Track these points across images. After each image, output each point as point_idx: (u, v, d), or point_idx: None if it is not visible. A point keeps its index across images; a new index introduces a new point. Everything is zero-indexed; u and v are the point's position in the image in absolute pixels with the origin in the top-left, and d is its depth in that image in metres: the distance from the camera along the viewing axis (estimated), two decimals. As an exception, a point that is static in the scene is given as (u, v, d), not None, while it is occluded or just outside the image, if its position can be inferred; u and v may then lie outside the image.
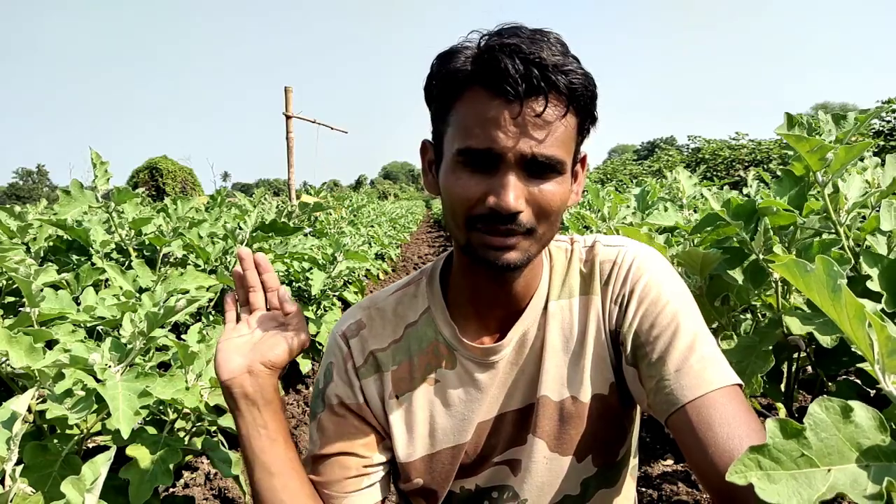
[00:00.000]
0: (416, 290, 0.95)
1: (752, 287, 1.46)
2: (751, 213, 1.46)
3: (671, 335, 0.80)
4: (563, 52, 0.75)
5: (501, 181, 0.74)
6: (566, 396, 0.87)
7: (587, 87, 0.76)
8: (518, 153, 0.74)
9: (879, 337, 0.48)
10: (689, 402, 0.75)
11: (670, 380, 0.77)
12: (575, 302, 0.90)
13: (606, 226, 2.52)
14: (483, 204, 0.76)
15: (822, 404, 0.47)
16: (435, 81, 0.80)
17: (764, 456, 0.46)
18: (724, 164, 15.84)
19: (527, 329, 0.89)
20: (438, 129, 0.82)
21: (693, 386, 0.75)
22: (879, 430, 0.47)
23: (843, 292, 0.49)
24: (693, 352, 0.78)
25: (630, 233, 1.70)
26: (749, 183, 2.54)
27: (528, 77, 0.72)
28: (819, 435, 0.47)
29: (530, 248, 0.79)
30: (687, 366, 0.77)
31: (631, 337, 0.83)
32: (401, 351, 0.92)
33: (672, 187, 2.65)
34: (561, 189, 0.78)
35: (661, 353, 0.79)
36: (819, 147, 1.25)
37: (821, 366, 1.45)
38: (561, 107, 0.75)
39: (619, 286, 0.87)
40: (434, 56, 0.80)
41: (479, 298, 0.90)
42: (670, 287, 0.85)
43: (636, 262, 0.87)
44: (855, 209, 1.40)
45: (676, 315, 0.81)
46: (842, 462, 0.46)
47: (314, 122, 8.12)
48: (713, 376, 0.76)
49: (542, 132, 0.74)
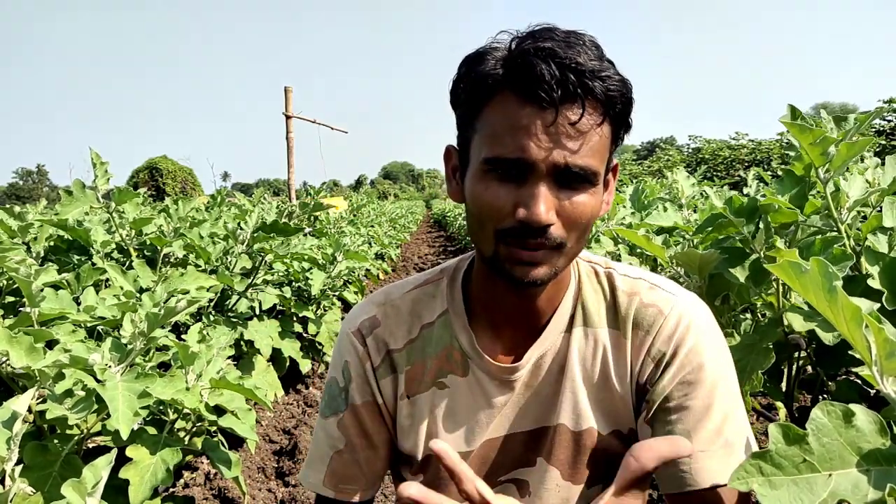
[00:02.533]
0: (434, 289, 0.92)
1: (753, 286, 1.46)
2: (752, 210, 1.46)
3: (702, 413, 0.77)
4: (600, 56, 0.71)
5: (532, 192, 0.70)
6: (585, 428, 0.85)
7: (624, 94, 0.72)
8: (550, 163, 0.70)
9: (877, 339, 0.48)
10: (706, 488, 0.74)
11: (688, 459, 0.75)
12: (602, 333, 0.85)
13: (605, 226, 2.52)
14: (512, 217, 0.72)
15: (824, 409, 0.47)
16: (462, 85, 0.76)
17: (766, 462, 0.46)
18: (725, 164, 15.82)
19: (545, 351, 0.86)
20: (465, 134, 0.78)
21: (713, 473, 0.74)
22: (880, 433, 0.47)
23: (839, 294, 0.48)
24: (719, 436, 0.76)
25: (628, 235, 1.70)
26: (749, 183, 2.54)
27: (564, 83, 0.67)
28: (821, 440, 0.46)
29: (558, 262, 0.75)
30: (709, 451, 0.75)
31: (659, 400, 0.80)
32: (415, 351, 0.89)
33: (672, 187, 2.65)
34: (593, 200, 0.74)
35: (687, 429, 0.77)
36: (822, 139, 1.24)
37: (821, 365, 1.45)
38: (597, 115, 0.70)
39: (660, 343, 0.82)
40: (461, 57, 0.76)
41: (498, 310, 0.86)
42: (714, 357, 0.81)
43: (684, 320, 0.82)
44: (856, 207, 1.40)
45: (713, 391, 0.78)
46: (843, 467, 0.46)
47: (314, 121, 8.12)
48: (732, 467, 0.75)
49: (576, 142, 0.70)
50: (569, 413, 0.85)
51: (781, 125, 1.37)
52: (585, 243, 0.79)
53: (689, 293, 0.87)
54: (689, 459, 0.75)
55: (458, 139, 0.81)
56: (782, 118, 1.30)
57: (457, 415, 0.88)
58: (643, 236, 1.67)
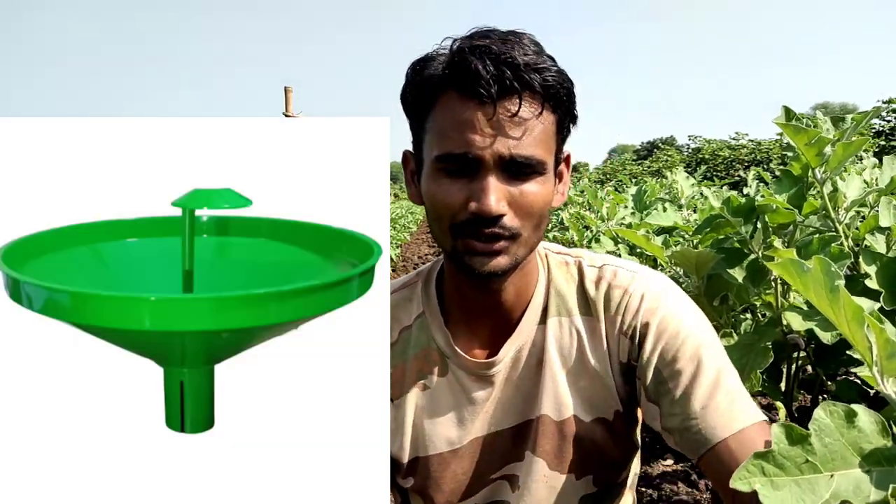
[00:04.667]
0: (410, 293, 0.93)
1: (752, 286, 1.46)
2: (750, 210, 1.46)
3: (694, 370, 0.77)
4: (537, 51, 0.74)
5: (481, 185, 0.73)
6: (567, 416, 0.86)
7: (562, 84, 0.75)
8: (496, 154, 0.73)
9: (878, 339, 0.48)
10: (720, 441, 0.73)
11: (697, 419, 0.75)
12: (576, 321, 0.86)
13: (605, 226, 2.52)
14: (465, 210, 0.74)
15: (826, 409, 0.47)
16: (410, 89, 0.80)
17: (768, 462, 0.46)
18: (724, 164, 15.85)
19: (522, 344, 0.87)
20: (417, 137, 0.81)
21: (722, 425, 0.74)
22: (882, 434, 0.47)
23: (841, 293, 0.48)
24: (719, 387, 0.76)
25: (627, 235, 1.70)
26: (749, 183, 2.54)
27: (501, 78, 0.71)
28: (823, 440, 0.46)
29: (518, 251, 0.77)
30: (714, 403, 0.75)
31: (651, 372, 0.80)
32: (396, 355, 0.90)
33: (671, 187, 2.65)
34: (543, 189, 0.76)
35: (686, 390, 0.77)
36: (817, 139, 1.24)
37: (821, 364, 1.45)
38: (536, 105, 0.73)
39: (630, 317, 0.83)
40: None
41: (468, 307, 0.88)
42: (689, 320, 0.82)
43: (650, 292, 0.84)
44: (854, 207, 1.40)
45: (699, 349, 0.79)
46: (845, 467, 0.46)
47: (313, 122, 8.12)
48: (741, 413, 0.75)
49: (518, 131, 0.73)
50: (550, 403, 0.86)
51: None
52: (543, 233, 0.81)
53: (652, 270, 0.90)
54: (697, 421, 0.75)
55: (412, 143, 0.84)
56: (776, 119, 1.30)
57: (440, 415, 0.88)
58: (643, 236, 1.67)
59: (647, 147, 46.17)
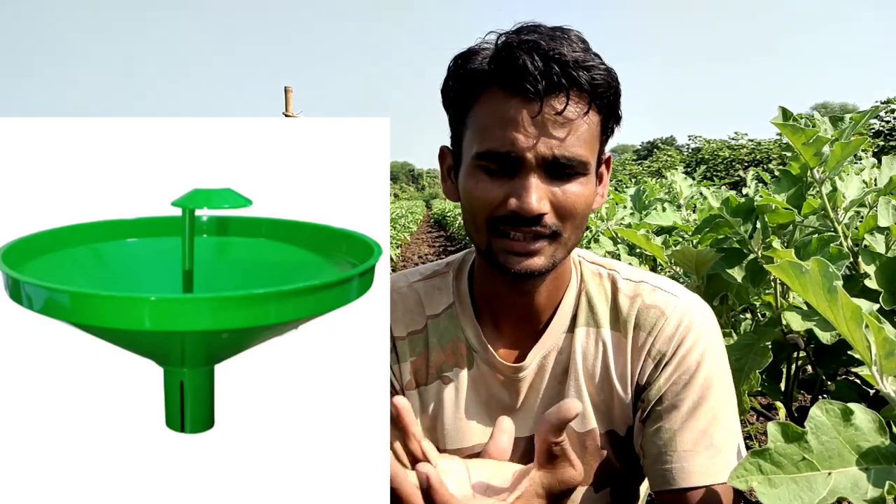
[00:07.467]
0: (441, 282, 0.92)
1: (752, 286, 1.46)
2: (749, 210, 1.46)
3: (689, 412, 0.78)
4: (585, 48, 0.72)
5: (523, 183, 0.71)
6: (589, 429, 0.85)
7: (610, 84, 0.73)
8: (539, 155, 0.71)
9: (877, 338, 0.48)
10: (685, 487, 0.74)
11: (675, 456, 0.76)
12: (605, 334, 0.85)
13: (605, 226, 2.52)
14: (504, 206, 0.73)
15: (822, 407, 0.47)
16: (452, 83, 0.77)
17: (765, 460, 0.46)
18: (724, 164, 15.85)
19: (549, 351, 0.85)
20: (457, 132, 0.79)
21: (696, 473, 0.75)
22: (879, 432, 0.47)
23: (840, 293, 0.49)
24: (705, 437, 0.76)
25: (627, 235, 1.70)
26: (748, 183, 2.54)
27: (548, 74, 0.69)
28: (820, 438, 0.47)
29: (556, 252, 0.76)
30: (694, 451, 0.76)
31: (654, 400, 0.80)
32: (420, 342, 0.89)
33: (671, 187, 2.66)
34: (585, 190, 0.75)
35: (673, 428, 0.77)
36: (814, 139, 1.25)
37: (820, 364, 1.45)
38: (583, 104, 0.71)
39: (661, 343, 0.81)
40: (452, 57, 0.77)
41: (498, 306, 0.86)
42: (711, 360, 0.81)
43: (685, 321, 0.82)
44: (853, 207, 1.40)
45: (705, 394, 0.78)
46: (842, 465, 0.46)
47: (313, 122, 8.11)
48: (717, 470, 0.75)
49: (563, 131, 0.71)
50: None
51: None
52: (582, 235, 0.80)
53: (693, 295, 0.86)
54: (674, 457, 0.76)
55: (451, 138, 0.82)
56: (773, 119, 1.30)
57: (461, 409, 0.87)
58: (642, 236, 1.67)
59: (647, 147, 46.15)
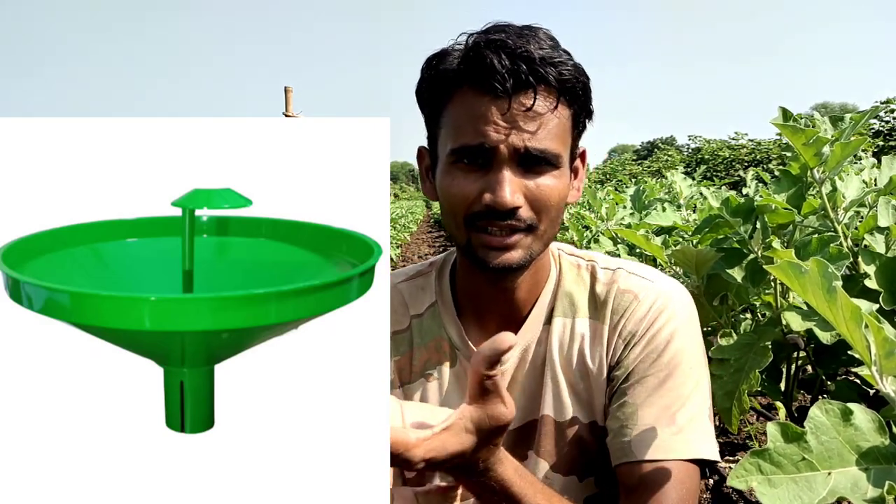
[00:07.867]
0: (424, 282, 0.94)
1: (752, 286, 1.46)
2: (749, 211, 1.47)
3: (654, 388, 0.79)
4: (553, 45, 0.74)
5: (497, 177, 0.74)
6: (569, 417, 0.86)
7: (578, 79, 0.75)
8: (511, 147, 0.73)
9: (876, 338, 0.48)
10: (641, 460, 0.75)
11: (632, 430, 0.77)
12: (582, 323, 0.86)
13: (605, 226, 2.52)
14: (479, 202, 0.75)
15: (822, 407, 0.47)
16: (425, 84, 0.80)
17: (765, 460, 0.46)
18: (724, 164, 15.85)
19: (528, 343, 0.87)
20: (432, 132, 0.82)
21: (650, 449, 0.75)
22: (879, 432, 0.47)
23: (839, 294, 0.49)
24: (667, 412, 0.77)
25: (627, 235, 1.70)
26: (748, 183, 2.54)
27: (516, 72, 0.71)
28: (819, 438, 0.47)
29: (532, 246, 0.77)
30: (656, 426, 0.77)
31: (621, 376, 0.82)
32: (405, 342, 0.91)
33: (671, 187, 2.66)
34: (559, 183, 0.77)
35: (636, 403, 0.79)
36: (814, 139, 1.25)
37: (820, 364, 1.46)
38: (552, 99, 0.74)
39: (632, 324, 0.83)
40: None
41: (480, 302, 0.88)
42: (682, 339, 0.81)
43: (658, 303, 0.83)
44: (853, 207, 1.40)
45: (672, 372, 0.79)
46: (842, 465, 0.46)
47: (313, 122, 8.11)
48: (680, 447, 0.76)
49: (533, 125, 0.73)
50: (552, 404, 0.86)
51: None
52: (559, 228, 0.81)
53: (671, 280, 0.87)
54: (634, 430, 0.77)
55: (427, 139, 0.84)
56: (773, 120, 1.30)
57: (445, 407, 0.88)
58: (642, 236, 1.68)
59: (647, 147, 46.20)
